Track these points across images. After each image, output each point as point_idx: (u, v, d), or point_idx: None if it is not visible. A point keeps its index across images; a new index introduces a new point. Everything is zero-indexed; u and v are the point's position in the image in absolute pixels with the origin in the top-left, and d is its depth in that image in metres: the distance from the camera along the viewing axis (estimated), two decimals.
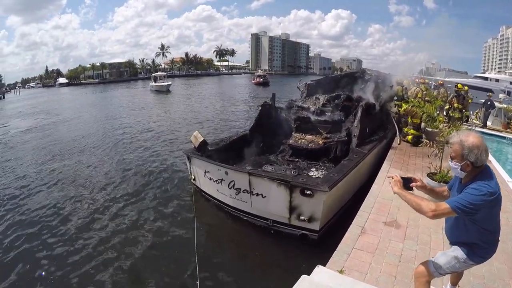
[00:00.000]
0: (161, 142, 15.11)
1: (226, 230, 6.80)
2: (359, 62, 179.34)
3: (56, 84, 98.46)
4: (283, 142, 9.50)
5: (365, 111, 8.54)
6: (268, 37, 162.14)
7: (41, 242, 6.45)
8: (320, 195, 5.45)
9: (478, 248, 2.61)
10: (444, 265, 2.75)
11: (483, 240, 2.57)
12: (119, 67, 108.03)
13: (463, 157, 2.43)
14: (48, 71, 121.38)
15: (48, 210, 7.91)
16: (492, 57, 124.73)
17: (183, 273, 5.30)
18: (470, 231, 2.56)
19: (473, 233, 2.56)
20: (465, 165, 2.44)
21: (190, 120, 21.46)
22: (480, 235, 2.55)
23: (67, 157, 13.10)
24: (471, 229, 2.55)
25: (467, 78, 46.11)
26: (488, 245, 2.61)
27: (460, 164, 2.45)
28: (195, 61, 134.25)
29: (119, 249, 6.05)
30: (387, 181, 6.59)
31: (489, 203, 2.36)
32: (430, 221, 4.84)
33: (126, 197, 8.47)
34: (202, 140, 7.74)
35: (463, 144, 2.43)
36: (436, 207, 2.42)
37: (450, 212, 2.42)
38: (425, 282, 2.83)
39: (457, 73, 69.77)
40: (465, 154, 2.42)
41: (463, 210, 2.37)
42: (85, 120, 24.06)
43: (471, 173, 2.48)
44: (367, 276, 3.70)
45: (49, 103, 43.71)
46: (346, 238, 4.53)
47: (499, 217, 2.56)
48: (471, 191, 2.40)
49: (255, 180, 6.13)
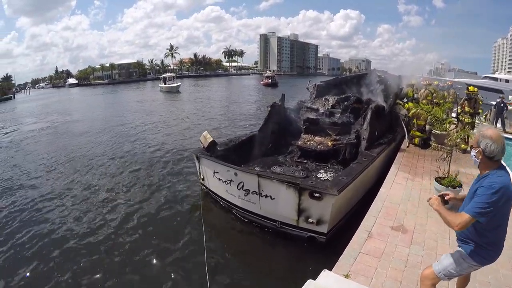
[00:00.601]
0: (171, 142, 15.27)
1: (234, 231, 6.84)
2: (368, 63, 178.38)
3: (66, 84, 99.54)
4: (292, 143, 9.55)
5: (374, 114, 8.52)
6: (276, 37, 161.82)
7: (47, 240, 6.59)
8: (329, 198, 5.46)
9: (480, 249, 2.65)
10: (448, 266, 2.80)
11: (486, 242, 2.61)
12: (128, 67, 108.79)
13: (478, 144, 2.59)
14: (58, 72, 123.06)
15: (58, 208, 8.08)
16: (502, 57, 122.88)
17: (192, 273, 5.37)
18: (475, 230, 2.62)
19: (477, 232, 2.62)
20: (478, 152, 2.59)
21: (199, 120, 21.64)
22: (484, 235, 2.60)
23: (79, 159, 13.31)
24: (476, 228, 2.60)
25: (476, 79, 45.59)
26: (492, 248, 2.64)
27: (476, 151, 2.61)
28: (204, 62, 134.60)
29: (128, 249, 6.15)
30: (395, 185, 6.62)
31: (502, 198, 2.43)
32: (437, 226, 4.92)
33: (135, 196, 8.60)
34: (211, 140, 7.81)
35: (481, 132, 2.63)
36: (460, 220, 2.50)
37: (472, 220, 2.48)
38: (431, 285, 2.89)
39: (466, 73, 68.83)
40: (479, 141, 2.58)
41: (482, 213, 2.44)
42: (97, 121, 24.30)
43: (484, 165, 2.61)
44: (372, 280, 3.72)
45: (60, 103, 44.26)
46: (353, 242, 4.55)
47: (507, 221, 2.59)
48: (483, 190, 2.48)
49: (264, 181, 6.16)
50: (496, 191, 2.41)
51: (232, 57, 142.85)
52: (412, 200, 5.94)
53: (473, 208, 2.48)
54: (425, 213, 5.44)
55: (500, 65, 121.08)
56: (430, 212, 5.45)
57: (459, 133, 6.28)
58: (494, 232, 2.60)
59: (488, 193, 2.43)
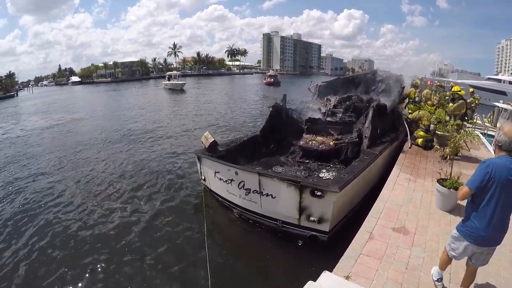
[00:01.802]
0: (173, 141, 15.29)
1: (235, 230, 6.84)
2: (371, 63, 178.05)
3: (68, 82, 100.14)
4: (294, 143, 9.51)
5: (376, 112, 8.49)
6: (279, 37, 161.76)
7: (47, 239, 6.60)
8: (330, 195, 5.41)
9: (466, 221, 3.15)
10: (450, 240, 3.37)
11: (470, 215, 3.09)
12: (131, 66, 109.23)
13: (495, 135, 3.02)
14: (61, 70, 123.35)
15: (61, 207, 8.11)
16: (506, 58, 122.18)
17: (193, 272, 5.38)
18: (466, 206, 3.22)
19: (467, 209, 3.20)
20: (494, 142, 3.04)
21: (201, 119, 21.67)
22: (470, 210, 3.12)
23: (83, 156, 13.39)
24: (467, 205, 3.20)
25: (480, 80, 45.48)
26: (476, 220, 3.03)
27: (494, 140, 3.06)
28: (207, 61, 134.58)
29: (128, 248, 6.15)
30: (397, 186, 6.59)
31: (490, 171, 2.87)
32: (439, 228, 4.90)
33: (136, 196, 8.60)
34: (212, 140, 7.80)
35: (501, 126, 3.10)
36: (461, 191, 3.12)
37: (469, 190, 3.00)
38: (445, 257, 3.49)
39: (469, 74, 68.61)
40: (496, 132, 3.02)
41: (472, 181, 2.97)
42: (101, 119, 24.41)
43: (496, 153, 3.04)
44: (373, 282, 3.70)
45: (63, 101, 44.48)
46: (354, 243, 4.53)
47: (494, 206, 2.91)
48: (478, 166, 3.02)
49: (265, 180, 6.12)
50: (486, 165, 2.91)
51: (235, 56, 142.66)
52: (414, 202, 5.90)
53: (468, 180, 3.03)
54: (427, 214, 5.41)
55: (504, 66, 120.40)
56: (431, 214, 5.44)
57: (462, 135, 6.22)
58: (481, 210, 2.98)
59: (481, 167, 2.96)
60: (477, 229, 3.00)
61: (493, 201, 2.89)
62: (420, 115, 9.26)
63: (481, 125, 13.41)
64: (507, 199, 2.88)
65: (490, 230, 2.96)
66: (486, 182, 2.86)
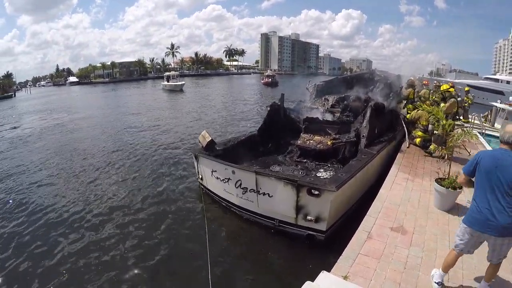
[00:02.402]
0: (171, 140, 15.22)
1: (232, 230, 6.79)
2: (369, 63, 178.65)
3: (66, 82, 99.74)
4: (291, 142, 9.49)
5: (374, 112, 8.47)
6: (278, 37, 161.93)
7: (44, 239, 6.55)
8: (327, 194, 5.39)
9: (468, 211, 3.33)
10: (456, 233, 3.46)
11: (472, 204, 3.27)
12: (129, 66, 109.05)
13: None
14: (59, 70, 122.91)
15: (56, 208, 8.03)
16: (503, 58, 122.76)
17: (193, 274, 5.34)
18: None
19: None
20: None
21: (200, 118, 21.60)
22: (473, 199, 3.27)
23: (82, 156, 13.33)
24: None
25: (477, 80, 45.67)
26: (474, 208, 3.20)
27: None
28: (205, 61, 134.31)
29: (128, 247, 6.10)
30: (395, 186, 6.57)
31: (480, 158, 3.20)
32: (437, 228, 4.88)
33: (135, 196, 8.53)
34: (210, 139, 7.78)
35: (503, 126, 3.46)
36: (460, 178, 3.60)
37: (465, 176, 3.41)
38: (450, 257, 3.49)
39: (467, 74, 68.82)
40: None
41: (465, 167, 3.40)
42: (100, 119, 24.30)
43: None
44: (371, 282, 3.67)
45: (61, 101, 44.29)
46: (352, 243, 4.49)
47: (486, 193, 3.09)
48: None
49: (262, 179, 6.10)
50: (477, 154, 3.29)
51: (233, 56, 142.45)
52: (412, 201, 5.88)
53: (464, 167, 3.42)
54: (425, 214, 5.39)
55: (501, 66, 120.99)
56: (430, 214, 5.42)
57: (460, 134, 6.18)
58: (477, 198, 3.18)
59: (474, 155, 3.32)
60: (475, 211, 3.18)
61: (482, 187, 3.15)
62: (419, 114, 9.24)
63: (479, 125, 13.41)
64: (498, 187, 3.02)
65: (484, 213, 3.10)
66: (474, 167, 3.24)
